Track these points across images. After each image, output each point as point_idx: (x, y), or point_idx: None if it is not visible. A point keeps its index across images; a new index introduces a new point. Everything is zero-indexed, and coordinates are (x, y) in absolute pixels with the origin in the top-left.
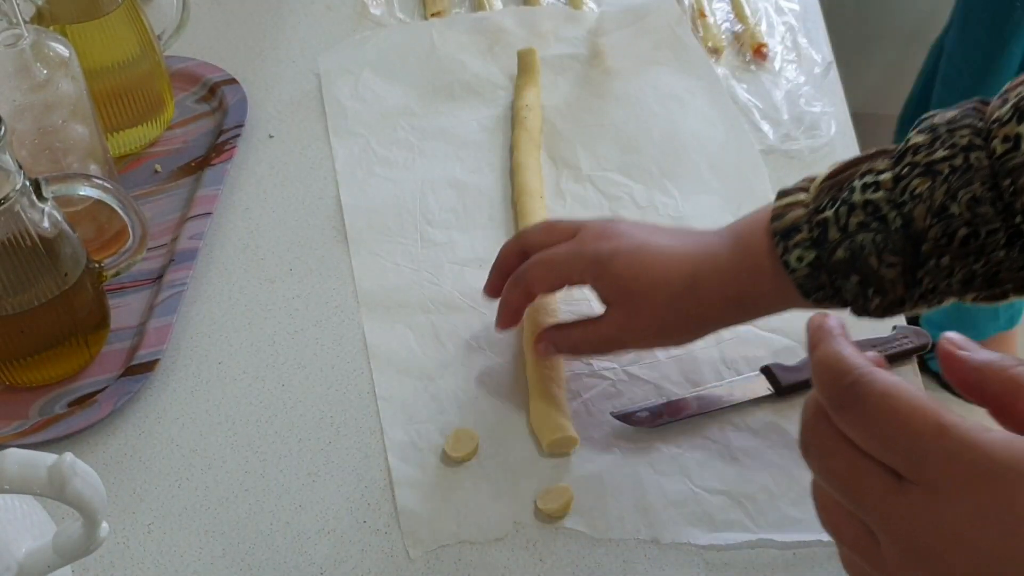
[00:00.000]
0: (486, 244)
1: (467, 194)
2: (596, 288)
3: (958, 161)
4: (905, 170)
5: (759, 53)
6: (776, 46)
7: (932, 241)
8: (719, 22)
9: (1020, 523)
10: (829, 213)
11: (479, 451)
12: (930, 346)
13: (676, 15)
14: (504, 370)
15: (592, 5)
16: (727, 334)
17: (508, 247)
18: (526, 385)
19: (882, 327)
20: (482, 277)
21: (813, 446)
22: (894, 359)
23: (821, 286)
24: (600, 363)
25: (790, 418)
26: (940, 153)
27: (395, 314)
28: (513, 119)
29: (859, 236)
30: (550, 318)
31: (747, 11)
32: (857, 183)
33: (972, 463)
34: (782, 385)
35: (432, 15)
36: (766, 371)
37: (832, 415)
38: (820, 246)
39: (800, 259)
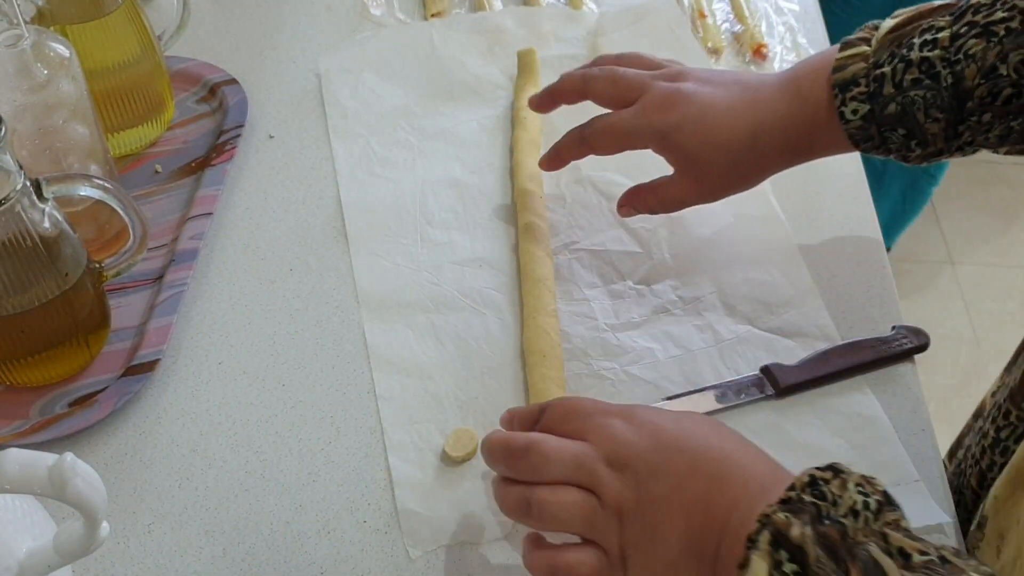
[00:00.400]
0: (486, 244)
1: (467, 194)
2: (662, 155)
3: (1015, 23)
4: (964, 29)
5: (759, 53)
6: (776, 46)
7: (978, 100)
8: (719, 22)
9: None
10: (887, 69)
11: (478, 451)
12: (928, 345)
13: (676, 16)
14: (504, 370)
15: (592, 5)
16: (727, 334)
17: (571, 82)
18: (526, 385)
19: (882, 327)
20: (482, 277)
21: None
22: (894, 359)
23: (870, 137)
24: (600, 363)
25: (790, 418)
26: (999, 14)
27: (395, 314)
28: (513, 119)
29: (911, 92)
30: (550, 319)
31: (747, 11)
32: (916, 40)
33: (578, 407)
34: (781, 385)
35: (432, 15)
36: (766, 371)
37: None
38: (875, 100)
39: (855, 112)
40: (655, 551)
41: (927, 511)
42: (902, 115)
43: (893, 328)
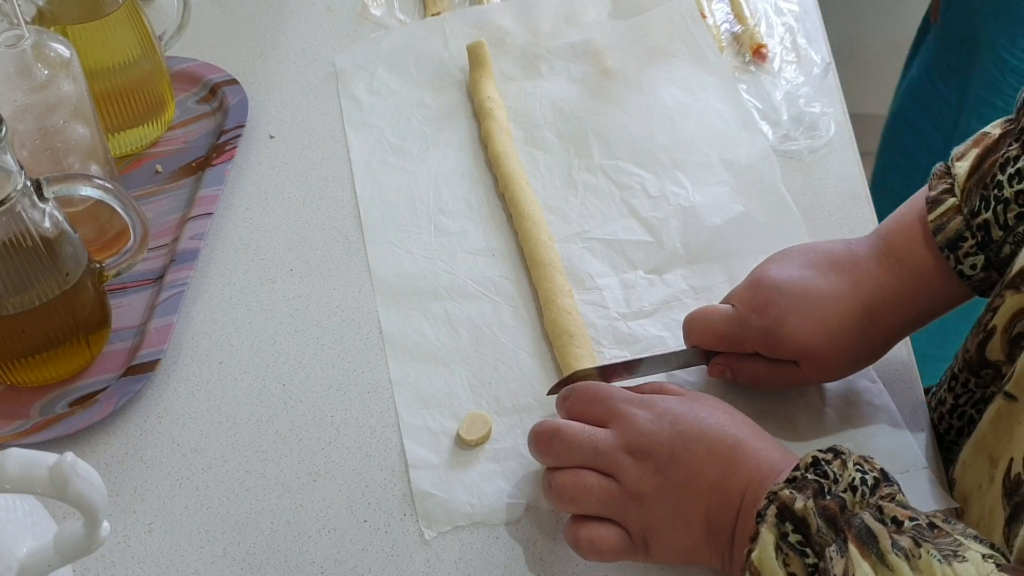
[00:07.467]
0: (498, 233)
1: (479, 184)
2: (772, 355)
3: None
4: None
5: (758, 54)
6: (775, 47)
7: None
8: (718, 22)
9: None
10: (988, 215)
11: (492, 435)
12: None
13: (688, 7)
14: (516, 356)
15: None
16: None
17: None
18: (557, 366)
19: None
20: (494, 265)
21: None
22: None
23: (993, 283)
24: (611, 351)
25: (798, 404)
26: None
27: (409, 302)
28: (478, 112)
29: (1020, 227)
30: (569, 299)
31: (746, 12)
32: (1002, 177)
33: (601, 392)
34: None
35: (432, 16)
36: None
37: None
38: (986, 247)
39: (974, 266)
40: (677, 535)
41: (936, 497)
42: (1017, 252)
43: None
